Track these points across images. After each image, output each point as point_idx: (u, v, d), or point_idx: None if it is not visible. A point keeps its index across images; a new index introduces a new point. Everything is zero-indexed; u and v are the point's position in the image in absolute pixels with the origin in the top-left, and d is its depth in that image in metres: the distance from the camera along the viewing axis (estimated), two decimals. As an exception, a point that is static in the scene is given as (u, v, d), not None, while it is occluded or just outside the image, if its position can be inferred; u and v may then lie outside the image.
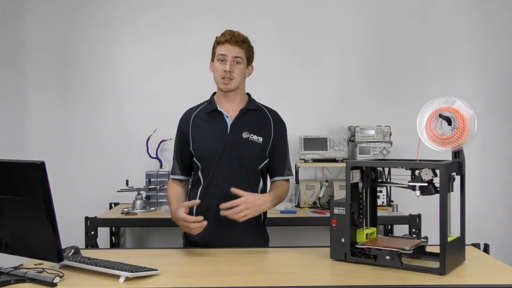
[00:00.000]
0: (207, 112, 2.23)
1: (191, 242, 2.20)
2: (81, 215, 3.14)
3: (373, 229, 1.87)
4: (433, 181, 1.69)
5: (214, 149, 2.15)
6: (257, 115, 2.24)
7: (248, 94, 2.30)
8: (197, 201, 2.09)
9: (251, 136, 2.18)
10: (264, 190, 2.25)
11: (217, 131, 2.18)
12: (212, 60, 2.21)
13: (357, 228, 1.79)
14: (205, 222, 1.97)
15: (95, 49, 3.78)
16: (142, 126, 3.71)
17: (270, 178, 2.28)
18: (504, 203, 3.78)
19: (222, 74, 2.15)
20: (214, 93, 2.29)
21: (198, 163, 2.20)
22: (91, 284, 1.54)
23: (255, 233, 2.20)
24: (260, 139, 2.19)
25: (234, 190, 2.02)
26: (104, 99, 3.78)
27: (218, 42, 2.18)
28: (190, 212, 2.22)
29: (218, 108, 2.21)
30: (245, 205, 1.99)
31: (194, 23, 3.76)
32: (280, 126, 2.27)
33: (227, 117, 2.20)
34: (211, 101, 2.26)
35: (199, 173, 2.21)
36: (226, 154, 2.15)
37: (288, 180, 2.29)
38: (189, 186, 2.33)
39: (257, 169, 2.20)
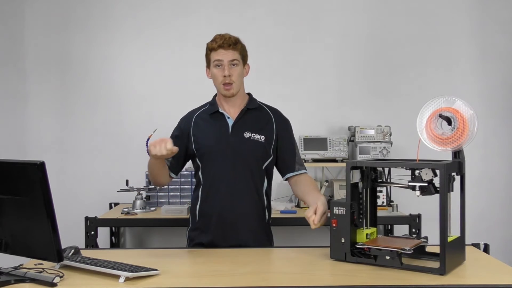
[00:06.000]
0: (209, 114, 2.23)
1: (195, 243, 2.20)
2: (81, 215, 3.14)
3: (373, 229, 1.87)
4: (433, 181, 1.69)
5: (216, 149, 2.15)
6: (258, 114, 2.24)
7: (248, 94, 2.30)
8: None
9: (253, 136, 2.17)
10: (268, 190, 2.24)
11: (219, 131, 2.17)
12: (208, 67, 2.20)
13: (357, 228, 1.79)
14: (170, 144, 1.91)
15: (94, 49, 3.78)
16: (142, 126, 3.70)
17: (283, 175, 2.25)
18: (504, 203, 3.78)
19: (222, 80, 2.14)
20: (216, 95, 2.29)
21: (199, 163, 2.20)
22: (91, 284, 1.54)
23: (259, 233, 2.20)
24: (262, 137, 2.18)
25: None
26: (104, 99, 3.78)
27: (211, 49, 2.15)
28: (193, 212, 2.22)
29: (220, 110, 2.21)
30: (322, 207, 1.87)
31: (194, 23, 3.76)
32: (282, 123, 2.26)
33: (228, 118, 2.20)
34: (213, 103, 2.26)
35: (200, 173, 2.20)
36: (229, 154, 2.14)
37: (305, 173, 2.24)
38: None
39: (261, 168, 2.19)
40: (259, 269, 1.74)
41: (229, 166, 2.14)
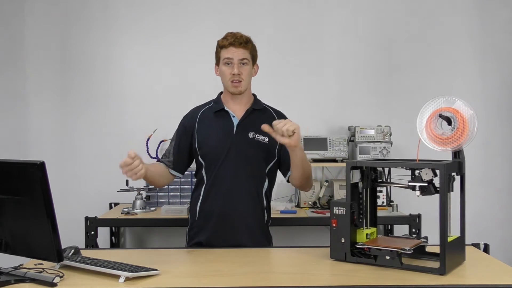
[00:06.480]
0: (213, 111, 2.22)
1: (195, 243, 2.20)
2: (81, 215, 3.14)
3: (373, 229, 1.87)
4: (433, 181, 1.69)
5: (220, 148, 2.15)
6: (263, 115, 2.23)
7: (254, 94, 2.30)
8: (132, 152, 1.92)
9: (257, 136, 2.17)
10: (268, 192, 2.24)
11: (223, 130, 2.17)
12: (217, 64, 2.20)
13: (357, 228, 1.79)
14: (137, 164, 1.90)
15: (95, 49, 3.78)
16: (142, 126, 3.71)
17: (284, 175, 2.24)
18: (504, 203, 3.78)
19: (230, 77, 2.14)
20: (221, 93, 2.29)
21: (202, 161, 2.20)
22: (91, 284, 1.54)
23: (258, 234, 2.19)
24: (266, 139, 2.17)
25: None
26: (104, 99, 3.77)
27: (221, 46, 2.15)
28: (193, 211, 2.22)
29: (225, 108, 2.21)
30: (285, 121, 1.91)
31: (195, 24, 3.76)
32: None
33: (233, 116, 2.20)
34: (217, 101, 2.26)
35: (203, 171, 2.19)
36: (232, 153, 2.14)
37: None
38: (190, 186, 2.32)
39: (263, 169, 2.19)
40: (259, 269, 1.74)
41: (231, 165, 2.14)
